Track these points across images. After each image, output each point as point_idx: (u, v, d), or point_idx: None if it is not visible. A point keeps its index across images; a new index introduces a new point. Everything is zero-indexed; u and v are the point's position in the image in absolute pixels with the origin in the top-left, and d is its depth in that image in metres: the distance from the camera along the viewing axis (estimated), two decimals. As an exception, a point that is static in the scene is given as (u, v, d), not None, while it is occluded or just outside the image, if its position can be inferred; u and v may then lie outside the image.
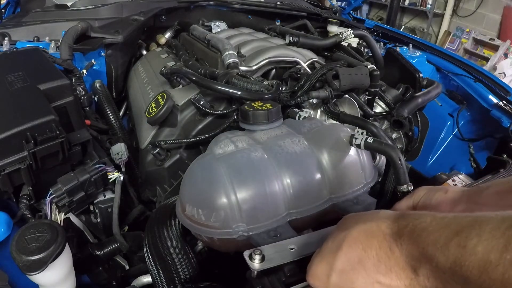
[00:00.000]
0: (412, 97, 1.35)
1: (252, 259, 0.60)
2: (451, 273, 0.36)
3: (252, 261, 0.60)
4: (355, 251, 0.48)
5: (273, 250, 0.63)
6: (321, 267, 0.52)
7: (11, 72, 0.94)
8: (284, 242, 0.66)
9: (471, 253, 0.34)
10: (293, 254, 0.63)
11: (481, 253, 0.33)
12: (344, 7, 2.72)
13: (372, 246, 0.46)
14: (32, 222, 0.73)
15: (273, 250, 0.63)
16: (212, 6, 1.91)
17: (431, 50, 1.95)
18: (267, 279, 0.63)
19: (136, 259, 0.94)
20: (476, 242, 0.34)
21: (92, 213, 0.96)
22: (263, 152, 0.78)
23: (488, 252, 0.33)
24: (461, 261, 0.35)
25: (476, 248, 0.34)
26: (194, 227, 0.74)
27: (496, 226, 0.34)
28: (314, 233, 0.68)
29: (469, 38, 5.44)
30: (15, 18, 1.88)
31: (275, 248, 0.63)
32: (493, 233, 0.34)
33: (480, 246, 0.34)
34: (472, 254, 0.34)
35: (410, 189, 0.85)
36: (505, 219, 0.34)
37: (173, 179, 1.15)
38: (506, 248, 0.32)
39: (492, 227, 0.34)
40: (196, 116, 1.13)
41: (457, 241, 0.36)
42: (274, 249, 0.63)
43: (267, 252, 0.61)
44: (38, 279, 0.68)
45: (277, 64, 1.28)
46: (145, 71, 1.55)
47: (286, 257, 0.62)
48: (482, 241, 0.34)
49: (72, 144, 0.87)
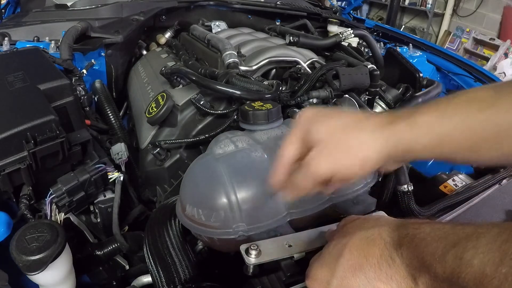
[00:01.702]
0: (412, 97, 1.35)
1: (248, 254, 0.60)
2: (449, 284, 0.37)
3: (248, 256, 0.60)
4: (356, 258, 0.48)
5: (270, 245, 0.63)
6: (322, 273, 0.52)
7: (11, 72, 0.94)
8: (281, 238, 0.66)
9: (468, 265, 0.34)
10: (290, 250, 0.63)
11: (477, 266, 0.34)
12: (344, 7, 2.72)
13: (373, 254, 0.46)
14: (32, 222, 0.73)
15: (270, 245, 0.63)
16: (212, 6, 1.91)
17: (431, 50, 1.95)
18: (267, 278, 0.63)
19: (136, 259, 0.93)
20: (472, 254, 0.35)
21: (92, 213, 0.96)
22: (263, 152, 0.78)
23: (484, 265, 0.33)
24: (458, 273, 0.35)
25: (472, 261, 0.34)
26: (194, 227, 0.74)
27: (493, 240, 0.34)
28: (311, 230, 0.68)
29: (469, 38, 5.44)
30: (15, 18, 1.88)
31: (272, 244, 0.64)
32: (489, 246, 0.34)
33: (476, 259, 0.34)
34: (468, 266, 0.34)
35: (410, 189, 0.85)
36: (501, 232, 0.34)
37: (173, 179, 1.15)
38: (502, 262, 0.32)
39: (488, 240, 0.35)
40: (196, 116, 1.14)
41: (454, 252, 0.36)
42: (271, 244, 0.63)
43: (263, 247, 0.62)
44: (38, 279, 0.68)
45: (277, 64, 1.28)
46: (145, 71, 1.55)
47: (283, 252, 0.62)
48: (478, 254, 0.34)
49: (72, 144, 0.87)
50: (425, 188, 1.29)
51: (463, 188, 1.15)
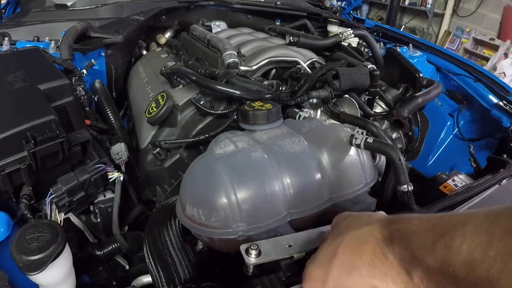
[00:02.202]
0: (412, 97, 1.35)
1: (248, 254, 0.60)
2: (442, 274, 0.37)
3: (249, 256, 0.60)
4: (350, 257, 0.48)
5: (270, 246, 0.63)
6: (317, 273, 0.52)
7: (11, 72, 0.94)
8: (281, 238, 0.66)
9: (456, 252, 0.35)
10: (290, 250, 0.63)
11: (466, 252, 0.34)
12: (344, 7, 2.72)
13: (366, 252, 0.47)
14: (32, 222, 0.73)
15: (270, 245, 0.63)
16: (212, 6, 1.91)
17: (431, 50, 1.95)
18: (267, 278, 0.63)
19: (136, 259, 0.93)
20: (460, 241, 0.35)
21: (92, 213, 0.96)
22: (263, 152, 0.78)
23: (472, 250, 0.33)
24: (448, 261, 0.35)
25: (461, 247, 0.35)
26: (194, 227, 0.74)
27: (479, 224, 0.35)
28: (311, 230, 0.68)
29: (469, 38, 5.44)
30: (15, 18, 1.88)
31: (272, 244, 0.64)
32: (477, 231, 0.34)
33: (464, 245, 0.34)
34: (457, 254, 0.35)
35: (410, 189, 0.85)
36: (487, 215, 0.35)
37: (173, 179, 1.15)
38: (489, 244, 0.32)
39: (475, 225, 0.35)
40: (196, 116, 1.14)
41: (443, 242, 0.37)
42: (271, 244, 0.63)
43: (263, 247, 0.62)
44: (38, 279, 0.68)
45: (277, 64, 1.28)
46: (145, 71, 1.55)
47: (283, 252, 0.62)
48: (466, 240, 0.34)
49: (72, 144, 0.87)
50: (425, 188, 1.29)
51: (463, 188, 1.15)
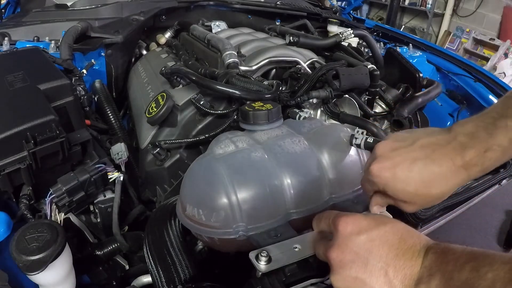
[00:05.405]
0: (412, 97, 1.35)
1: (258, 260, 0.59)
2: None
3: (259, 262, 0.59)
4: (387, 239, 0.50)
5: (279, 251, 0.62)
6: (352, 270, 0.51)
7: (11, 72, 0.94)
8: (288, 241, 0.65)
9: (482, 278, 0.39)
10: (298, 254, 0.62)
11: (490, 280, 0.39)
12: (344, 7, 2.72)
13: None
14: (32, 222, 0.73)
15: (278, 250, 0.62)
16: (212, 6, 1.91)
17: (431, 50, 1.95)
18: (267, 279, 0.63)
19: (136, 259, 0.93)
20: (487, 269, 0.40)
21: (92, 213, 0.96)
22: (263, 152, 0.78)
23: (495, 280, 0.38)
24: (473, 282, 0.40)
25: (487, 275, 0.39)
26: (194, 227, 0.74)
27: (507, 261, 0.40)
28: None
29: (469, 38, 5.44)
30: (15, 18, 1.88)
31: (281, 249, 0.63)
32: (503, 266, 0.39)
33: (490, 274, 0.39)
34: (482, 279, 0.39)
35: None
36: None
37: (173, 179, 1.15)
38: (510, 282, 0.37)
39: (502, 261, 0.40)
40: (196, 116, 1.13)
41: (472, 265, 0.41)
42: (279, 249, 0.62)
43: (273, 253, 0.61)
44: (38, 279, 0.68)
45: (277, 64, 1.28)
46: (145, 71, 1.54)
47: (292, 257, 0.61)
48: (493, 270, 0.39)
49: (72, 144, 0.87)
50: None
51: (463, 188, 1.15)
